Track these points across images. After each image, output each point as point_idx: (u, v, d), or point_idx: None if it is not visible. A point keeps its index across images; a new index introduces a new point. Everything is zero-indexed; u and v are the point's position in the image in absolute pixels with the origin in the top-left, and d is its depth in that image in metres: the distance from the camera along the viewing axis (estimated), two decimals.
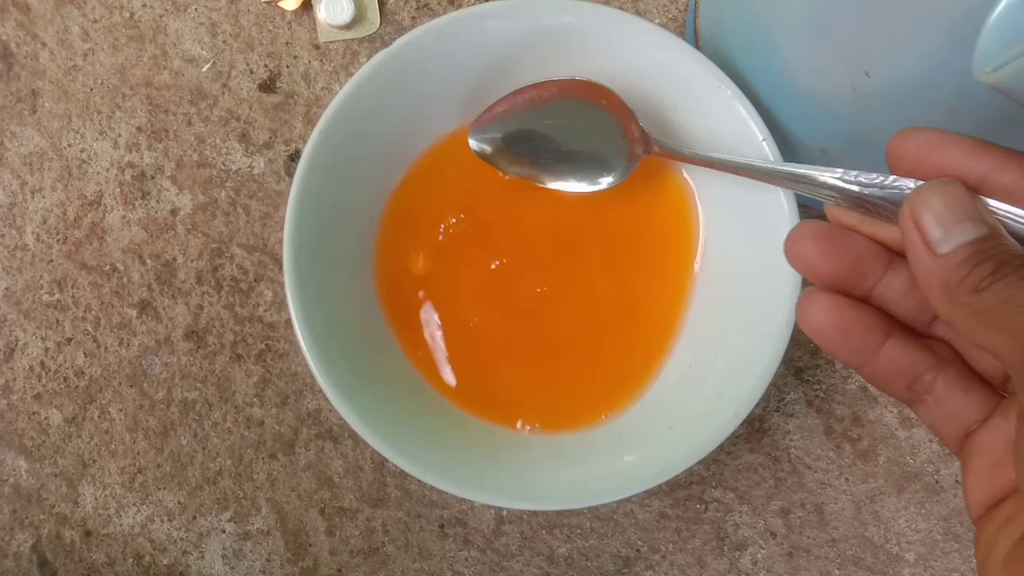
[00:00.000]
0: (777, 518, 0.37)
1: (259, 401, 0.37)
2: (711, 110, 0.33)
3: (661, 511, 0.36)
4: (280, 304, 0.37)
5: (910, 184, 0.22)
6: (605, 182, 0.33)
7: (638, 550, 0.36)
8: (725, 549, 0.36)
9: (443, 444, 0.32)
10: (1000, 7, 0.19)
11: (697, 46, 0.36)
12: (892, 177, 0.23)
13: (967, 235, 0.20)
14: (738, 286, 0.33)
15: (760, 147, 0.32)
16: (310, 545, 0.36)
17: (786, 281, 0.31)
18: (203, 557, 0.36)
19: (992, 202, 0.20)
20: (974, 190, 0.21)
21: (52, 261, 0.38)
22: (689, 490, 0.37)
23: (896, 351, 0.22)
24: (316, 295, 0.32)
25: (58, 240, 0.38)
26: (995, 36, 0.19)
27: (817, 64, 0.30)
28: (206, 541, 0.37)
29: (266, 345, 0.37)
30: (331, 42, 0.39)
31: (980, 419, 0.22)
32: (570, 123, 0.33)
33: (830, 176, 0.24)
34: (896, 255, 0.23)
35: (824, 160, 0.33)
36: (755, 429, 0.37)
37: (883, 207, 0.23)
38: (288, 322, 0.37)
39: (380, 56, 0.32)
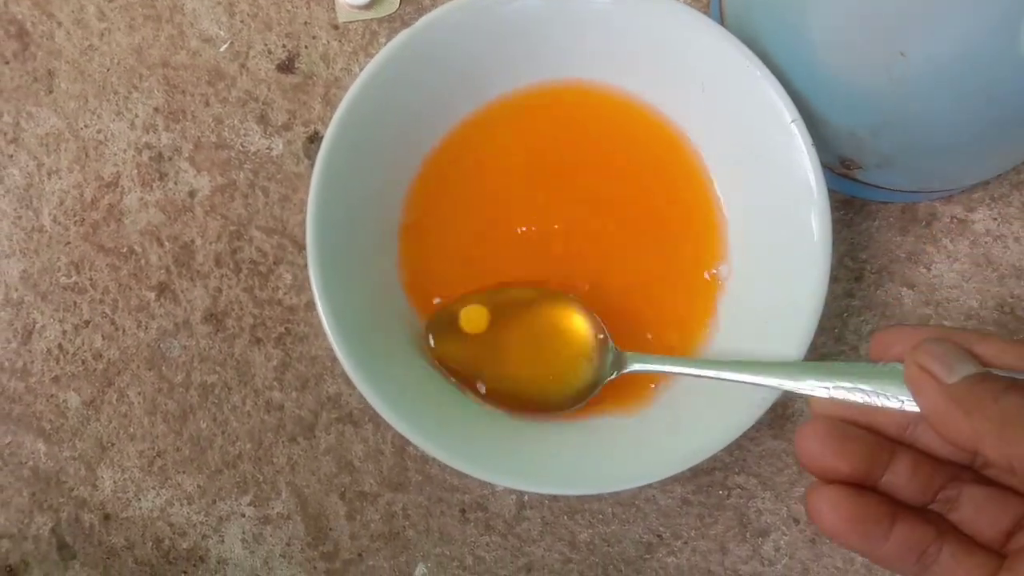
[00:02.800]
0: (800, 504, 0.36)
1: (279, 385, 0.37)
2: (738, 91, 0.32)
3: (683, 497, 0.36)
4: (300, 287, 0.37)
5: (898, 366, 0.25)
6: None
7: (660, 536, 0.36)
8: (747, 535, 0.36)
9: (465, 426, 0.32)
10: None
11: (722, 23, 0.35)
12: (880, 363, 0.25)
13: (969, 369, 0.23)
14: (767, 272, 0.32)
15: (788, 128, 0.31)
16: (330, 529, 0.36)
17: (815, 271, 0.30)
18: (223, 541, 0.36)
19: None
20: None
21: (69, 243, 0.37)
22: (712, 476, 0.36)
23: (903, 531, 0.24)
24: (338, 277, 0.31)
25: (75, 222, 0.37)
26: None
27: (849, 44, 0.29)
28: (226, 525, 0.36)
29: (286, 328, 0.37)
30: (350, 22, 0.38)
31: None
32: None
33: (824, 379, 0.26)
34: (897, 443, 0.25)
35: (854, 144, 0.32)
36: (778, 415, 0.37)
37: (874, 393, 0.25)
38: (308, 305, 0.37)
39: (401, 36, 0.32)
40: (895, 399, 0.24)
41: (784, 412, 0.37)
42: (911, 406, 0.24)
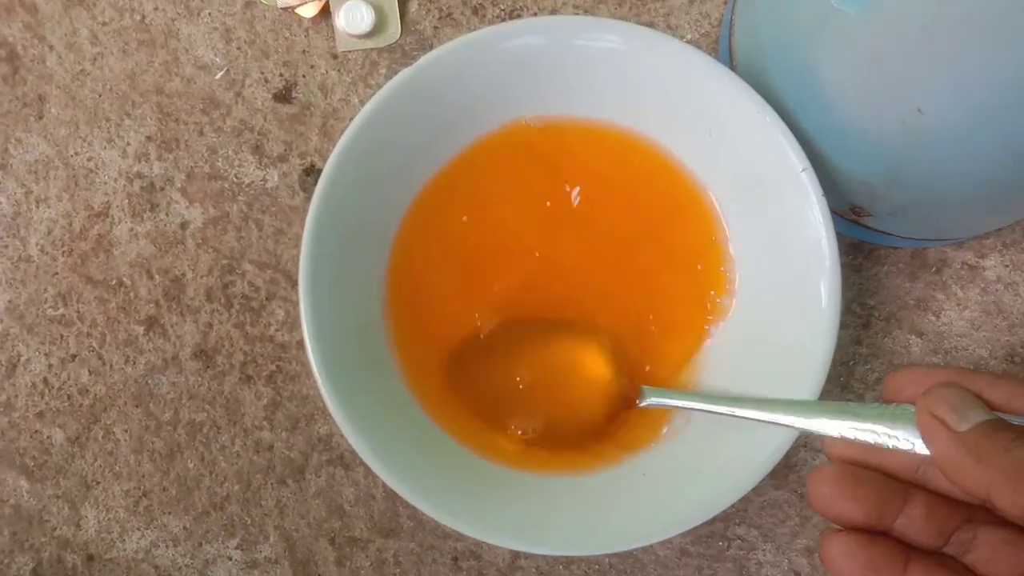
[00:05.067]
0: (802, 557, 0.35)
1: (269, 424, 0.36)
2: (748, 137, 0.31)
3: (682, 548, 0.35)
4: (292, 324, 0.36)
5: (910, 408, 0.24)
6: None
7: None
8: None
9: (458, 480, 0.31)
10: None
11: (732, 66, 0.34)
12: (892, 405, 0.25)
13: (981, 416, 0.23)
14: (774, 330, 0.31)
15: (798, 178, 0.30)
16: (319, 575, 0.35)
17: (824, 321, 0.29)
18: None
19: None
20: None
21: (57, 274, 0.36)
22: (712, 527, 0.35)
23: (917, 574, 0.24)
24: (331, 320, 0.30)
25: (63, 252, 0.36)
26: None
27: (865, 96, 0.28)
28: (212, 568, 0.35)
29: (277, 366, 0.36)
30: (350, 51, 0.37)
31: None
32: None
33: (837, 419, 0.26)
34: (910, 486, 0.25)
35: (867, 192, 0.31)
36: (781, 465, 0.35)
37: (886, 435, 0.25)
38: (300, 343, 0.36)
39: (405, 73, 0.31)
40: (907, 441, 0.24)
41: (787, 462, 0.36)
42: (923, 449, 0.24)
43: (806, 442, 0.36)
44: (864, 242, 0.36)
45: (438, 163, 0.34)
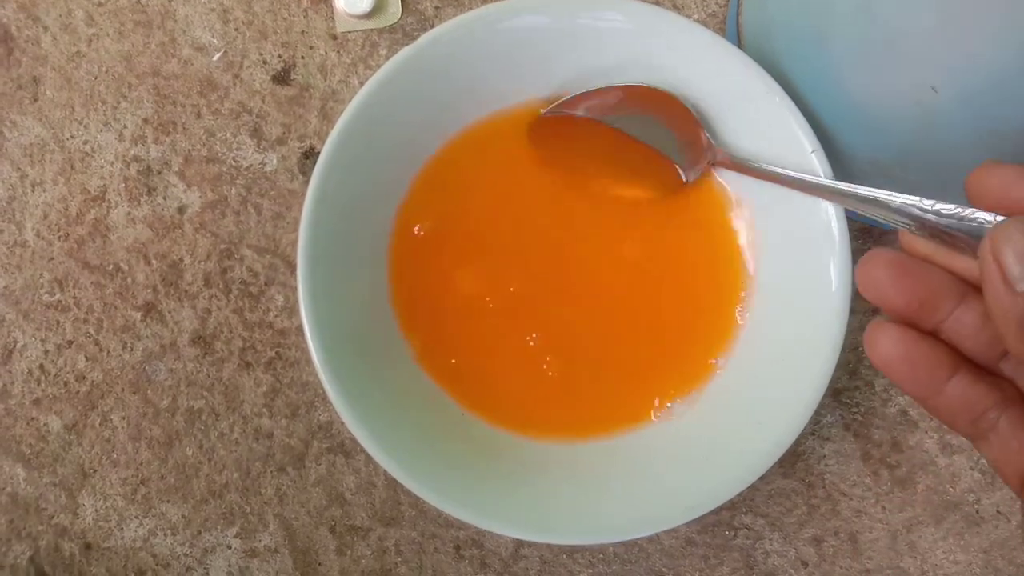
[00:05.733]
0: (809, 547, 0.35)
1: (268, 412, 0.35)
2: (757, 118, 0.30)
3: (688, 537, 0.35)
4: (291, 310, 0.35)
5: (989, 218, 0.21)
6: (665, 187, 0.32)
7: None
8: None
9: (463, 466, 0.31)
10: None
11: (739, 45, 0.34)
12: (971, 209, 0.22)
13: None
14: (784, 316, 0.31)
15: (808, 159, 0.30)
16: (319, 564, 0.35)
17: (834, 313, 0.29)
18: (208, 574, 0.35)
19: None
20: None
21: (53, 259, 0.36)
22: (718, 515, 0.35)
23: (962, 387, 0.22)
24: (330, 305, 0.30)
25: (59, 237, 0.36)
26: None
27: (877, 75, 0.27)
28: (211, 557, 0.35)
29: (276, 353, 0.35)
30: (349, 32, 0.36)
31: None
32: (633, 130, 0.32)
33: (907, 202, 0.24)
34: (969, 289, 0.23)
35: (878, 174, 0.30)
36: (789, 453, 0.35)
37: (960, 239, 0.22)
38: (299, 329, 0.35)
39: (404, 52, 0.30)
40: (974, 255, 0.22)
41: (795, 450, 0.35)
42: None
43: (814, 430, 0.35)
44: (874, 226, 0.35)
45: (440, 143, 0.33)
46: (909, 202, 0.24)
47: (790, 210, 0.30)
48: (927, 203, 0.23)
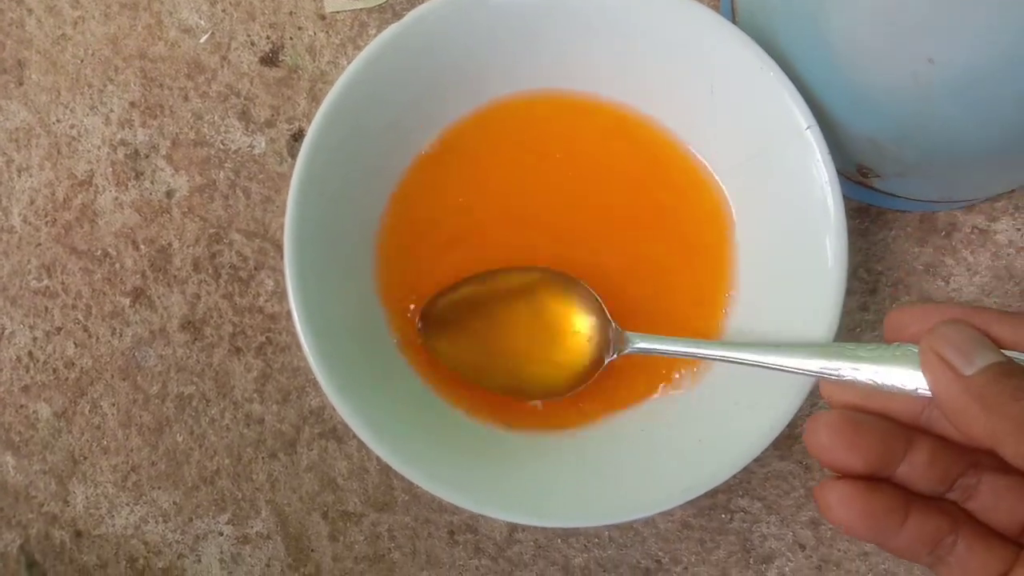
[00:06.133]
0: (807, 529, 0.34)
1: (259, 397, 0.35)
2: (751, 95, 0.30)
3: (684, 520, 0.34)
4: (282, 294, 0.35)
5: (913, 348, 0.23)
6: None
7: (659, 561, 0.34)
8: (751, 561, 0.34)
9: (455, 450, 0.30)
10: None
11: (734, 22, 0.33)
12: (894, 345, 0.24)
13: (988, 359, 0.21)
14: (778, 294, 0.30)
15: (803, 136, 0.29)
16: (312, 550, 0.34)
17: (827, 295, 0.28)
18: (200, 561, 0.35)
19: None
20: None
21: (40, 245, 0.35)
22: (714, 499, 0.34)
23: (918, 525, 0.23)
24: (319, 289, 0.29)
25: (46, 222, 0.36)
26: None
27: (873, 48, 0.27)
28: (203, 544, 0.35)
29: (266, 338, 0.35)
30: (338, 12, 0.36)
31: (1003, 573, 0.22)
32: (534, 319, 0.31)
33: (834, 362, 0.24)
34: (912, 431, 0.24)
35: (874, 151, 0.30)
36: (785, 436, 0.35)
37: (884, 376, 0.23)
38: (290, 314, 0.35)
39: (391, 30, 0.30)
40: (910, 385, 0.23)
41: (791, 432, 0.35)
42: (927, 392, 0.22)
43: (810, 412, 0.35)
44: (871, 205, 0.35)
45: (433, 126, 0.33)
46: (829, 368, 0.24)
47: (779, 184, 0.30)
48: (837, 365, 0.24)
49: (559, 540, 0.34)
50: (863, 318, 0.35)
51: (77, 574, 0.35)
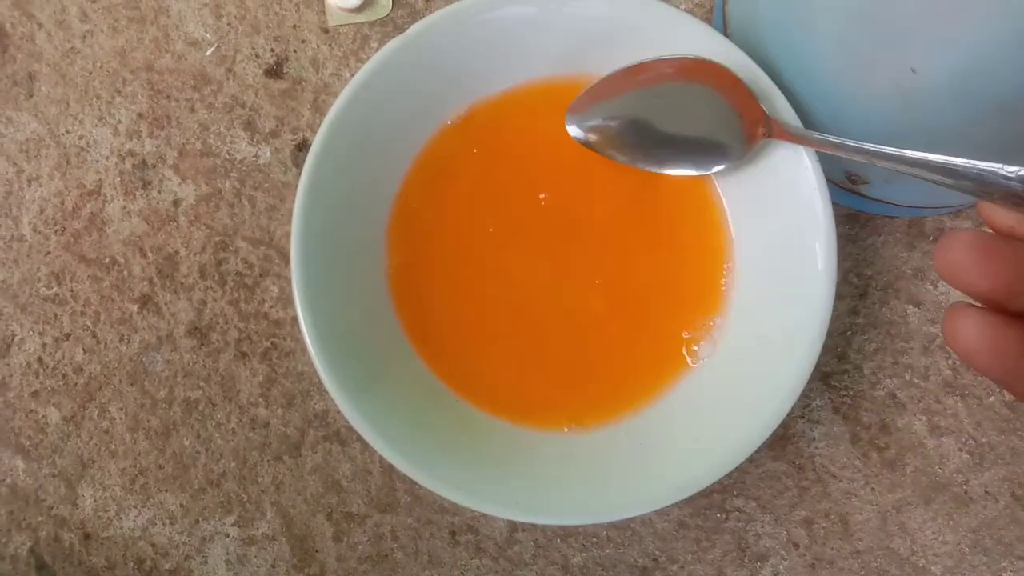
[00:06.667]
0: (800, 528, 0.35)
1: (264, 401, 0.36)
2: None
3: (680, 520, 0.35)
4: (286, 300, 0.36)
5: None
6: (720, 165, 0.31)
7: (656, 560, 0.35)
8: (746, 560, 0.35)
9: (456, 451, 0.31)
10: None
11: (725, 33, 0.34)
12: None
13: None
14: (770, 296, 0.31)
15: (793, 144, 0.30)
16: (317, 551, 0.35)
17: (819, 293, 0.29)
18: (206, 562, 0.35)
19: None
20: None
21: (50, 253, 0.36)
22: (709, 499, 0.35)
23: None
24: (324, 294, 0.30)
25: (56, 231, 0.36)
26: None
27: (858, 58, 0.28)
28: (209, 546, 0.35)
29: (272, 343, 0.36)
30: (341, 26, 0.37)
31: None
32: (681, 105, 0.31)
33: (986, 169, 0.22)
34: None
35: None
36: (779, 436, 0.36)
37: None
38: (295, 319, 0.36)
39: (393, 43, 0.31)
40: None
41: (784, 433, 0.35)
42: None
43: (803, 413, 0.36)
44: (861, 212, 0.36)
45: (433, 133, 0.34)
46: (989, 168, 0.22)
47: (770, 191, 0.31)
48: (1010, 169, 0.22)
49: (558, 540, 0.35)
50: (854, 321, 0.36)
51: None
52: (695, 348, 0.33)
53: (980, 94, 0.26)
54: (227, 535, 0.35)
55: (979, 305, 0.22)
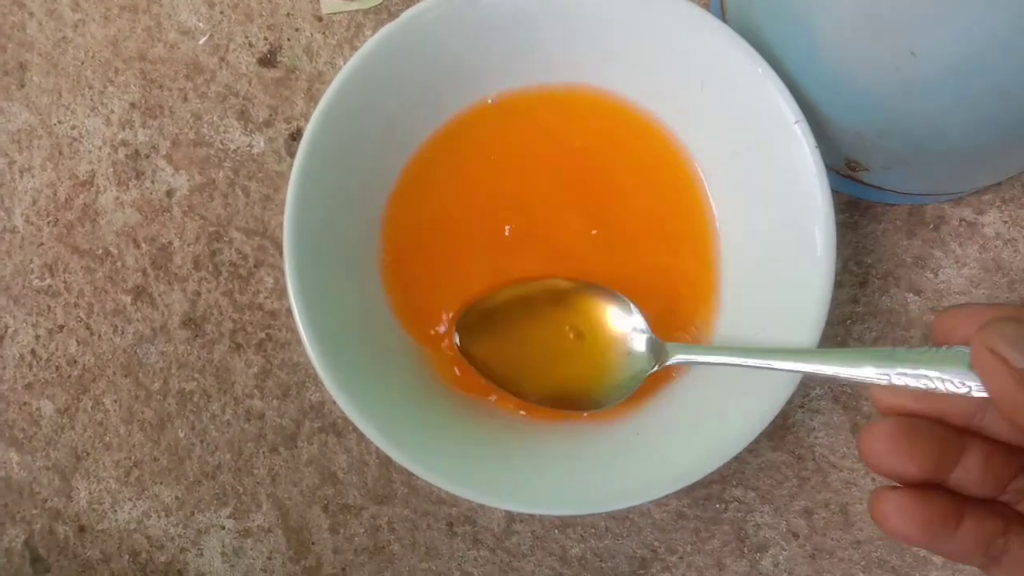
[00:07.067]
0: (800, 519, 0.35)
1: (259, 393, 0.35)
2: (740, 90, 0.30)
3: (679, 510, 0.35)
4: (281, 291, 0.36)
5: (964, 349, 0.23)
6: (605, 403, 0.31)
7: (655, 551, 0.35)
8: (745, 550, 0.35)
9: (453, 442, 0.31)
10: None
11: (723, 19, 0.34)
12: (943, 348, 0.23)
13: None
14: (768, 285, 0.31)
15: (792, 130, 0.30)
16: (313, 543, 0.35)
17: (818, 281, 0.29)
18: (202, 554, 0.35)
19: None
20: None
21: (42, 244, 0.36)
22: (708, 489, 0.35)
23: (971, 527, 0.23)
24: (318, 283, 0.30)
25: (48, 222, 0.36)
26: None
27: (856, 42, 0.27)
28: (205, 538, 0.35)
29: (266, 334, 0.35)
30: (335, 13, 0.36)
31: None
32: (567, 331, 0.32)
33: (885, 366, 0.24)
34: (965, 434, 0.24)
35: (861, 144, 0.31)
36: (778, 426, 0.35)
37: (939, 379, 0.23)
38: (289, 311, 0.36)
39: (386, 30, 0.30)
40: (962, 385, 0.22)
41: (784, 423, 0.35)
42: (980, 392, 0.22)
43: (803, 403, 0.35)
44: (861, 199, 0.35)
45: (431, 123, 0.33)
46: (881, 369, 0.24)
47: (768, 177, 0.30)
48: (897, 357, 0.24)
49: (556, 531, 0.35)
50: (853, 310, 0.35)
51: (81, 568, 0.35)
52: (694, 337, 0.32)
53: (980, 78, 0.25)
54: (223, 527, 0.35)
55: (898, 486, 0.23)
